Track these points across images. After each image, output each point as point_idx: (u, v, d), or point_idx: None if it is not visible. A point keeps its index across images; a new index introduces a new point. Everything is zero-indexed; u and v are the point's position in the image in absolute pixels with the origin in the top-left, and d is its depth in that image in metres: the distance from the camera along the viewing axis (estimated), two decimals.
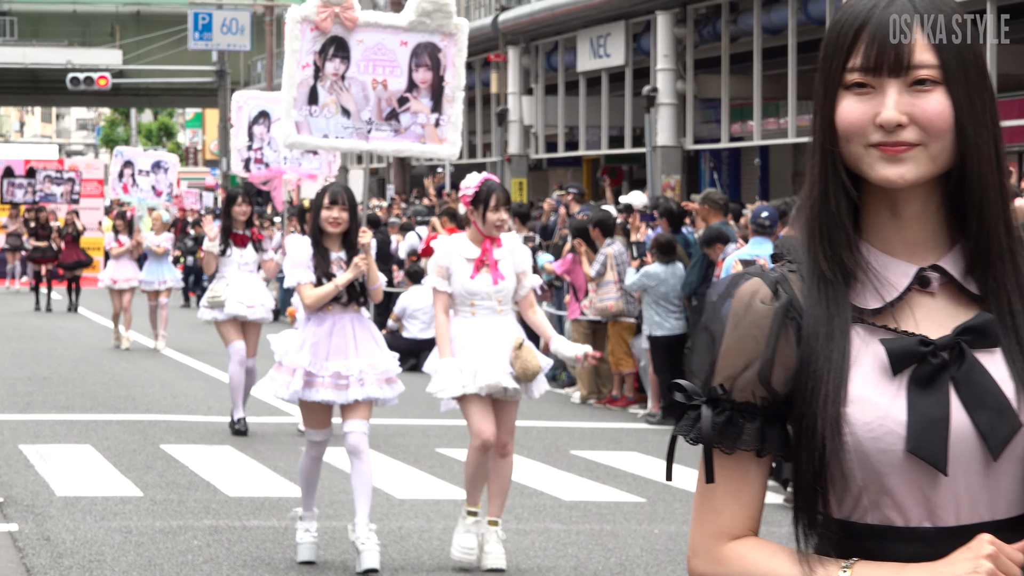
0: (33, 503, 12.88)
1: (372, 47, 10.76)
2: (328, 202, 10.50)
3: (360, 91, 10.74)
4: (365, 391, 10.38)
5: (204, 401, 20.16)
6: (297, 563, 10.41)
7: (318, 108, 10.67)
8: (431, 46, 10.87)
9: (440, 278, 10.46)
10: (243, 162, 19.43)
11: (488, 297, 10.42)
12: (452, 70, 10.90)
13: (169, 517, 12.42)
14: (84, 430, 17.19)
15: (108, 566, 10.63)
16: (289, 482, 14.07)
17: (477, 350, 10.32)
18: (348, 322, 10.57)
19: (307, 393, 10.41)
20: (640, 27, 35.94)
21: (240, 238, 16.90)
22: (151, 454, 15.58)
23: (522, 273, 10.62)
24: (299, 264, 10.50)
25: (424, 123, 10.89)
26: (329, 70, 10.69)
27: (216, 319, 16.99)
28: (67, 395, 20.55)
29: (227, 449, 15.95)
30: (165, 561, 10.82)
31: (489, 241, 10.51)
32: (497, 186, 10.62)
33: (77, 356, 25.96)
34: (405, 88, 10.82)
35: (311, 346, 10.43)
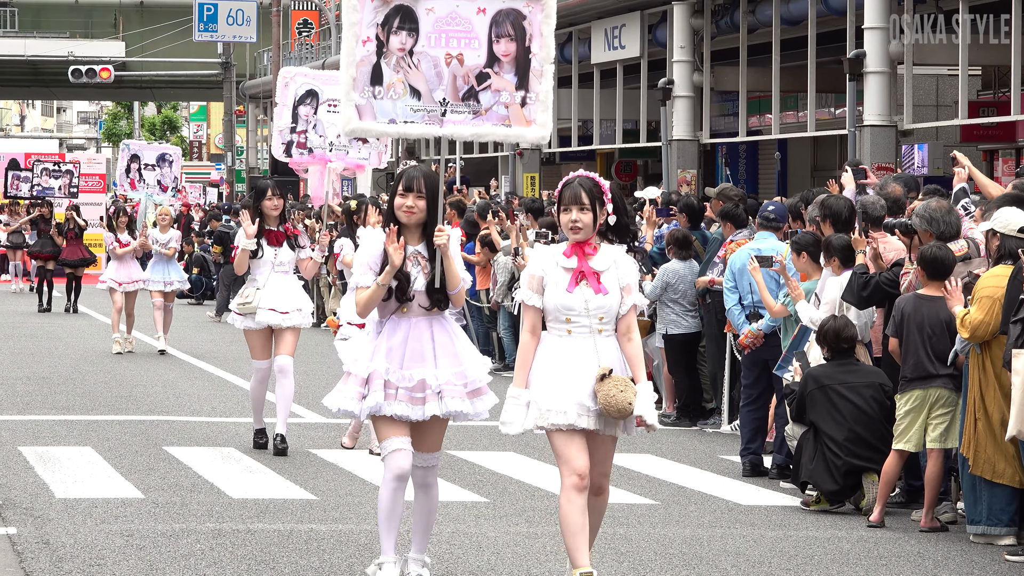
0: (32, 506, 12.90)
1: (444, 16, 9.55)
2: (403, 188, 9.38)
3: (431, 68, 9.59)
4: (444, 405, 9.37)
5: (208, 402, 20.18)
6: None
7: (383, 89, 9.56)
8: (514, 13, 9.62)
9: (533, 291, 9.27)
10: (283, 145, 18.05)
11: (586, 313, 9.20)
12: (540, 40, 9.66)
13: (171, 520, 12.44)
14: (85, 431, 17.22)
15: (109, 570, 10.64)
16: (294, 484, 14.14)
17: (567, 378, 9.15)
18: (426, 327, 9.48)
19: (378, 408, 9.42)
20: (656, 18, 35.96)
21: (274, 235, 15.63)
22: (153, 456, 15.61)
23: (625, 288, 9.27)
24: (364, 264, 9.46)
25: (508, 102, 9.70)
26: (394, 45, 9.55)
27: (248, 327, 15.74)
28: (67, 395, 20.59)
29: (231, 451, 15.97)
30: (167, 565, 10.83)
31: (578, 247, 9.27)
32: (576, 180, 9.28)
33: (78, 355, 25.98)
34: (485, 63, 9.64)
35: (386, 352, 9.43)
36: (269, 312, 15.50)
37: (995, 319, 11.71)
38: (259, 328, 15.60)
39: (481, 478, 14.47)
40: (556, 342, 9.17)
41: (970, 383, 12.15)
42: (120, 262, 26.61)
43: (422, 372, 9.30)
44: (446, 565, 10.92)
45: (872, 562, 11.45)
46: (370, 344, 9.48)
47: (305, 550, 11.38)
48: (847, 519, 13.09)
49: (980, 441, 11.96)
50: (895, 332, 12.92)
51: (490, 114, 9.68)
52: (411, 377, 9.28)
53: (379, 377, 9.31)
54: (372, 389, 9.30)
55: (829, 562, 11.45)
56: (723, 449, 16.37)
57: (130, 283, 26.44)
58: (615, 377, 9.02)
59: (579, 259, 9.16)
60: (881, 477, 12.98)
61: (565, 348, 9.14)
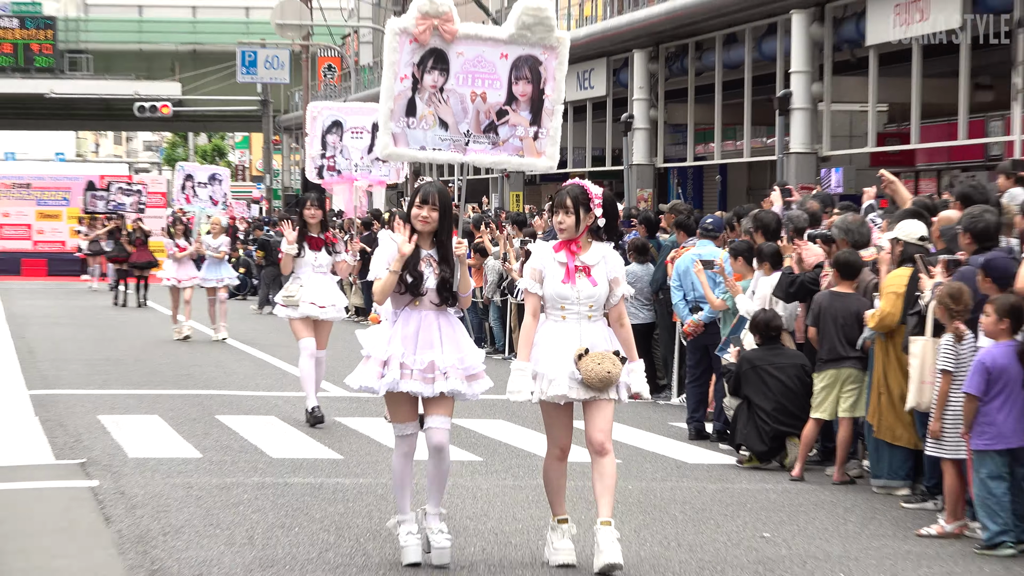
0: (110, 464, 12.96)
1: (472, 59, 9.37)
2: (419, 201, 9.08)
3: (459, 103, 9.38)
4: (450, 384, 9.03)
5: (253, 379, 20.22)
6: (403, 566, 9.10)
7: (416, 120, 9.33)
8: (532, 59, 9.46)
9: (534, 281, 9.12)
10: (316, 169, 17.94)
11: (577, 302, 9.04)
12: (553, 83, 9.52)
13: (223, 475, 12.52)
14: (152, 403, 17.28)
15: (173, 515, 10.72)
16: (323, 446, 14.16)
17: (561, 354, 8.98)
18: (434, 319, 9.16)
19: (395, 384, 9.11)
20: (619, 63, 36.02)
21: (314, 241, 15.53)
22: (208, 423, 15.67)
23: (614, 281, 9.16)
24: (382, 260, 9.16)
25: (523, 136, 9.51)
26: (428, 82, 9.31)
27: (290, 316, 15.51)
28: (137, 373, 20.63)
29: (272, 419, 16.01)
30: (220, 511, 10.91)
31: (566, 245, 9.14)
32: (567, 187, 9.19)
33: (145, 341, 26.03)
34: (504, 101, 9.45)
35: (401, 339, 9.11)
36: (310, 305, 15.37)
37: (898, 311, 11.78)
38: (301, 317, 15.42)
39: (476, 441, 14.53)
40: (552, 326, 9.05)
41: (875, 364, 12.22)
42: (179, 263, 26.80)
43: (431, 356, 9.02)
44: (448, 511, 11.00)
45: (793, 509, 11.53)
46: (387, 332, 9.21)
47: (332, 499, 11.46)
48: (774, 474, 13.17)
49: (883, 411, 12.04)
50: (814, 322, 13.00)
51: (507, 145, 9.52)
52: (423, 360, 9.00)
53: (396, 359, 9.02)
54: (389, 369, 9.02)
55: (759, 509, 11.52)
56: (672, 417, 16.43)
57: (187, 280, 26.64)
58: (592, 353, 8.86)
59: (569, 255, 9.05)
60: (801, 440, 13.06)
61: (559, 331, 9.00)
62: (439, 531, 9.01)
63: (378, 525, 10.43)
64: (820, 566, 9.56)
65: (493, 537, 10.20)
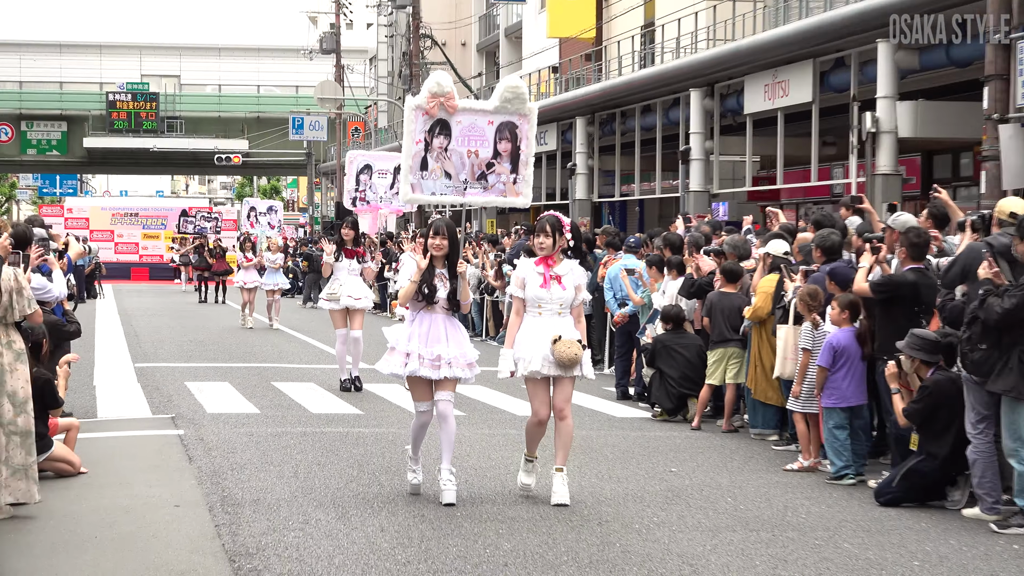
0: (193, 418, 12.88)
1: (467, 126, 9.40)
2: (433, 233, 9.08)
3: (459, 159, 9.40)
4: (453, 371, 8.91)
5: (297, 356, 20.09)
6: (408, 494, 9.12)
7: (428, 173, 9.36)
8: (511, 124, 9.48)
9: (519, 287, 9.03)
10: (351, 200, 18.08)
11: (550, 301, 8.96)
12: (526, 141, 9.54)
13: (276, 425, 12.42)
14: (224, 373, 17.16)
15: (238, 455, 10.65)
16: (349, 404, 14.08)
17: (537, 342, 8.88)
18: (442, 321, 9.02)
19: (415, 371, 8.93)
20: (566, 126, 35.92)
21: (349, 252, 15.46)
22: (265, 387, 15.54)
23: (578, 287, 9.09)
24: (407, 274, 9.12)
25: (506, 181, 9.53)
26: (436, 144, 9.34)
27: (332, 308, 15.37)
28: (214, 351, 20.50)
29: (312, 385, 15.91)
30: (273, 452, 10.84)
31: (543, 261, 9.04)
32: (544, 218, 9.12)
33: (220, 328, 25.88)
34: (491, 155, 9.47)
35: (417, 336, 8.96)
36: (348, 298, 15.28)
37: (768, 306, 11.76)
38: (339, 308, 15.30)
39: (460, 401, 14.43)
40: (532, 320, 8.95)
41: (752, 344, 12.18)
42: (245, 271, 26.82)
43: (440, 349, 8.91)
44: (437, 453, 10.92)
45: (693, 451, 11.45)
46: (407, 330, 9.04)
47: (356, 444, 11.36)
48: (679, 425, 13.09)
49: (758, 379, 11.99)
50: (707, 314, 12.95)
51: (493, 189, 9.54)
52: (433, 352, 8.90)
53: (414, 351, 8.91)
54: (410, 360, 8.90)
55: (668, 451, 11.43)
56: (605, 383, 16.33)
57: (251, 283, 26.61)
58: (563, 340, 8.81)
59: (545, 267, 8.98)
60: (699, 400, 13.01)
61: (538, 324, 8.93)
62: (448, 480, 8.85)
63: (390, 463, 10.35)
64: (713, 493, 9.47)
65: (473, 472, 10.09)
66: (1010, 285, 8.34)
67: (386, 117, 61.66)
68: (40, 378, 9.38)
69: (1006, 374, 8.34)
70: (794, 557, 7.54)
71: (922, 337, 9.36)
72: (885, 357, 9.79)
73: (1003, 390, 8.38)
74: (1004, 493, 8.80)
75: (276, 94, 74.46)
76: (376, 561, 7.21)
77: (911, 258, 10.02)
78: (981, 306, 8.40)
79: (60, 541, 7.71)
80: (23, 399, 8.33)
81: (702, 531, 8.15)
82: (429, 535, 7.87)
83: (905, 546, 7.92)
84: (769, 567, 7.30)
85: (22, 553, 7.41)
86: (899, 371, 9.48)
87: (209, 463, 10.28)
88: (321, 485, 9.41)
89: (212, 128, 67.57)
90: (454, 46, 57.10)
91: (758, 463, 10.90)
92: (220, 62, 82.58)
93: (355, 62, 70.75)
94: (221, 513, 8.39)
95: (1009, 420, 8.43)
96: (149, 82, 72.58)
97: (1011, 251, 8.56)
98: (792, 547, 7.79)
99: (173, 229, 50.46)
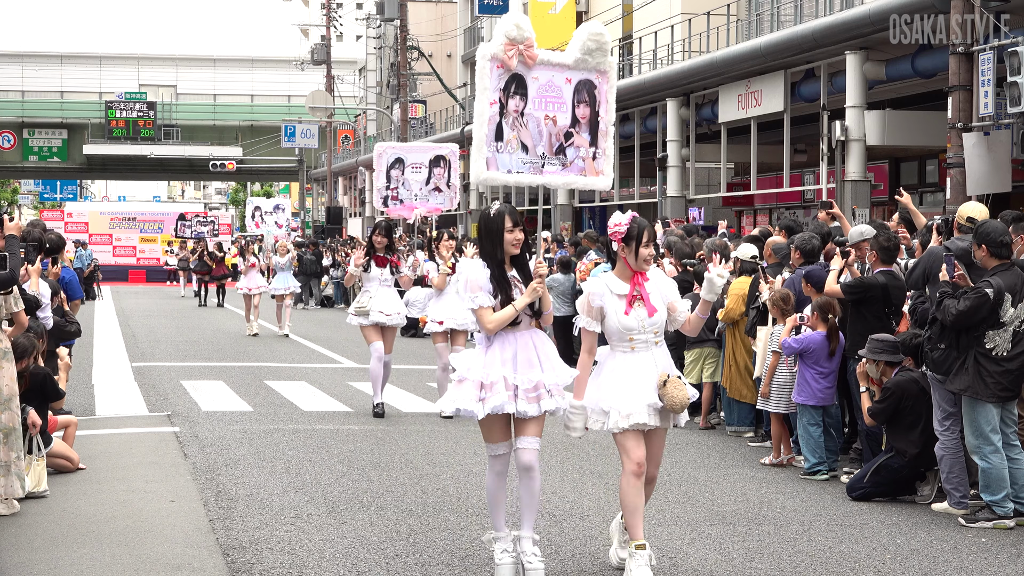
0: (188, 415, 12.79)
1: (544, 84, 7.11)
2: (511, 225, 6.81)
3: (535, 127, 7.08)
4: (555, 402, 6.68)
5: (289, 355, 19.99)
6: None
7: (503, 144, 6.98)
8: (589, 83, 7.20)
9: (591, 319, 6.74)
10: (382, 199, 15.05)
11: (643, 331, 6.69)
12: (606, 105, 7.25)
13: (268, 423, 12.33)
14: (218, 372, 17.04)
15: (232, 451, 10.57)
16: (338, 401, 13.98)
17: (636, 386, 6.65)
18: (529, 339, 6.76)
19: (500, 407, 6.60)
20: None
21: (381, 260, 13.35)
22: (257, 386, 15.45)
23: (671, 305, 6.83)
24: (479, 288, 6.69)
25: (584, 156, 7.22)
26: (511, 107, 6.99)
27: (361, 324, 13.17)
28: (209, 351, 20.39)
29: (303, 383, 15.82)
30: (266, 449, 10.75)
31: (638, 276, 6.79)
32: (646, 223, 6.85)
33: (216, 329, 25.76)
34: (570, 123, 7.17)
35: (500, 362, 6.67)
36: (378, 314, 13.08)
37: (740, 308, 11.73)
38: (370, 324, 13.14)
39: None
40: (623, 359, 6.73)
41: (726, 344, 12.12)
42: (248, 276, 24.53)
43: (537, 376, 6.66)
44: (429, 451, 10.84)
45: (670, 447, 11.28)
46: (482, 356, 6.71)
47: (346, 440, 11.28)
48: None
49: (733, 377, 11.94)
50: None
51: (573, 166, 7.22)
52: (529, 380, 6.62)
53: (500, 381, 6.60)
54: (494, 392, 6.58)
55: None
56: None
57: (255, 288, 24.36)
58: (673, 379, 6.67)
59: (632, 285, 6.77)
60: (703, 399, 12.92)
61: (631, 364, 6.72)
62: (533, 554, 6.69)
63: (379, 459, 10.26)
64: (691, 488, 9.41)
65: (459, 468, 10.01)
66: (966, 288, 8.33)
67: (375, 125, 61.62)
68: (40, 372, 9.29)
69: (963, 374, 8.33)
70: (770, 550, 7.49)
71: (882, 340, 9.39)
72: (857, 356, 9.77)
73: (960, 389, 8.36)
74: (971, 488, 8.78)
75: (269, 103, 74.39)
76: (365, 555, 7.13)
77: (881, 261, 10.04)
78: (938, 307, 8.39)
79: (59, 535, 7.61)
80: (7, 396, 8.23)
81: (681, 525, 8.09)
82: (417, 529, 7.79)
83: (877, 539, 7.88)
84: (746, 560, 7.24)
85: (22, 547, 7.32)
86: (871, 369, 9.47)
87: (203, 459, 10.18)
88: (312, 481, 9.31)
89: (207, 136, 67.43)
90: (440, 57, 57.07)
91: (734, 459, 10.84)
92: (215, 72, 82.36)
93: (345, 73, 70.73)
94: (215, 508, 8.30)
95: (970, 418, 8.41)
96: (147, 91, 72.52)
97: (971, 255, 8.55)
98: (768, 540, 7.73)
99: (170, 233, 50.52)
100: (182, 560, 6.99)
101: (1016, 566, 7.32)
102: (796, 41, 23.02)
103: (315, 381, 15.96)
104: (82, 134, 64.84)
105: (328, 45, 58.83)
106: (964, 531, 8.20)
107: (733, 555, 7.34)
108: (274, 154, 64.67)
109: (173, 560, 7.00)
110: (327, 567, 6.85)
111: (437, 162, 14.53)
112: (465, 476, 9.62)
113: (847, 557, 7.38)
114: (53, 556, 7.10)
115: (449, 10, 60.17)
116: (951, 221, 9.74)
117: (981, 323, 8.24)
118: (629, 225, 6.76)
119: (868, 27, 20.69)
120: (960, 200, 15.83)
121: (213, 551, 7.19)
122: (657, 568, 6.93)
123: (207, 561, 6.97)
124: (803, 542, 7.73)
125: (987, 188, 16.64)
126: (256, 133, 66.88)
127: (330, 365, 18.28)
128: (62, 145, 64.78)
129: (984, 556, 7.54)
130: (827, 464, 10.05)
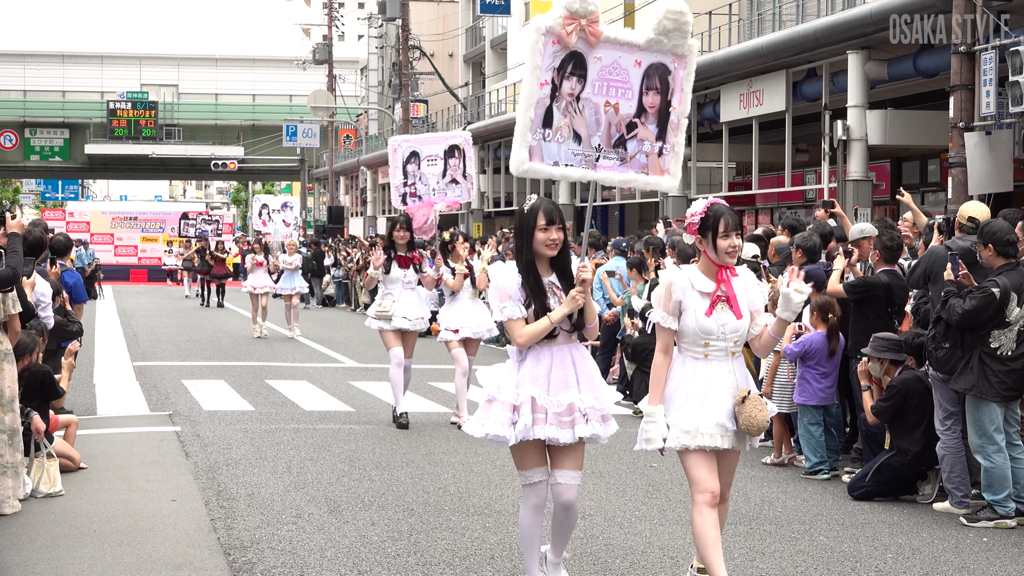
0: (189, 414, 12.78)
1: (608, 66, 5.98)
2: (545, 222, 5.83)
3: (592, 114, 5.98)
4: (591, 428, 5.82)
5: (292, 355, 19.97)
6: None
7: (552, 132, 5.90)
8: (662, 68, 6.07)
9: (667, 314, 5.77)
10: (400, 196, 13.90)
11: (724, 337, 5.76)
12: (680, 95, 6.15)
13: (269, 422, 12.33)
14: (220, 371, 17.03)
15: (234, 451, 10.56)
16: (340, 401, 13.96)
17: (706, 401, 5.75)
18: (568, 354, 5.86)
19: (527, 432, 5.76)
20: None
21: (403, 260, 12.53)
22: (259, 386, 15.43)
23: (756, 311, 5.91)
24: (509, 297, 5.81)
25: (648, 152, 6.12)
26: (565, 89, 5.89)
27: (382, 328, 12.35)
28: (210, 351, 20.38)
29: (304, 383, 15.81)
30: (267, 448, 10.74)
31: (723, 271, 5.82)
32: (725, 209, 5.80)
33: (217, 329, 25.76)
34: (635, 113, 6.06)
35: (531, 379, 5.80)
36: (401, 319, 12.30)
37: None
38: (393, 329, 12.35)
39: (446, 397, 14.35)
40: (693, 366, 5.82)
41: None
42: (255, 274, 23.98)
43: (569, 397, 5.79)
44: (429, 448, 10.84)
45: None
46: (514, 373, 5.85)
47: (347, 440, 11.27)
48: None
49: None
50: None
51: (633, 162, 6.12)
52: (560, 402, 5.77)
53: (527, 404, 5.77)
54: (521, 415, 5.76)
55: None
56: None
57: (261, 288, 23.83)
58: (752, 397, 5.78)
59: (718, 282, 5.83)
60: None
61: (702, 373, 5.81)
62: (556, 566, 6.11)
63: (380, 459, 10.26)
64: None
65: (461, 467, 10.00)
66: (971, 287, 8.33)
67: (376, 125, 61.61)
68: (40, 371, 9.28)
69: (967, 373, 8.32)
70: (771, 550, 7.48)
71: (886, 339, 9.38)
72: (859, 355, 9.76)
73: (964, 388, 8.35)
74: (973, 487, 8.78)
75: (271, 103, 74.33)
76: (366, 554, 7.13)
77: (884, 260, 10.02)
78: (943, 307, 8.38)
79: (60, 534, 7.61)
80: (10, 398, 8.23)
81: (682, 524, 8.08)
82: (418, 529, 7.78)
83: (879, 539, 7.87)
84: (747, 559, 7.24)
85: (23, 546, 7.32)
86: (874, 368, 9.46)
87: (205, 459, 10.17)
88: (313, 480, 9.31)
89: (209, 135, 67.41)
90: (442, 57, 57.06)
91: None
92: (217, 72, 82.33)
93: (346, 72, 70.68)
94: (216, 507, 8.30)
95: (973, 417, 8.40)
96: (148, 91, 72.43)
97: (975, 255, 8.55)
98: (769, 540, 7.72)
99: (171, 232, 50.53)
100: (183, 559, 6.99)
101: (1018, 566, 7.31)
102: (798, 41, 23.02)
103: (317, 380, 15.95)
104: (84, 133, 64.86)
105: (330, 44, 58.84)
106: (966, 531, 8.20)
107: (735, 555, 7.33)
108: (276, 154, 64.65)
109: (174, 559, 7.00)
110: (328, 566, 6.85)
111: (452, 152, 14.23)
112: (467, 475, 9.61)
113: (848, 556, 7.38)
114: (54, 555, 7.10)
115: (451, 9, 60.17)
116: (952, 221, 9.74)
117: (986, 322, 8.23)
118: (704, 214, 5.81)
119: (870, 27, 20.69)
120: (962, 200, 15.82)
121: (214, 550, 7.18)
122: (658, 568, 6.93)
123: (208, 560, 6.97)
124: (804, 541, 7.72)
125: (989, 188, 16.64)
126: (258, 133, 66.86)
127: (332, 365, 18.27)
128: (64, 145, 64.80)
129: (986, 556, 7.54)
130: (828, 463, 10.05)
